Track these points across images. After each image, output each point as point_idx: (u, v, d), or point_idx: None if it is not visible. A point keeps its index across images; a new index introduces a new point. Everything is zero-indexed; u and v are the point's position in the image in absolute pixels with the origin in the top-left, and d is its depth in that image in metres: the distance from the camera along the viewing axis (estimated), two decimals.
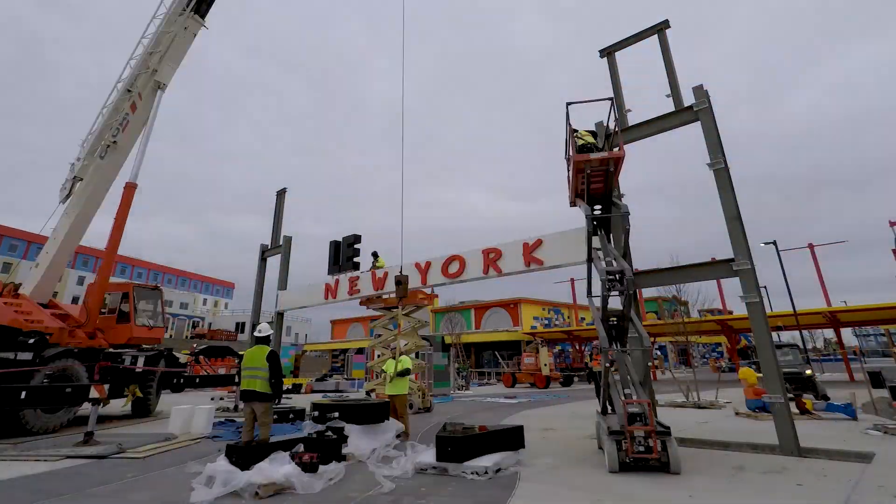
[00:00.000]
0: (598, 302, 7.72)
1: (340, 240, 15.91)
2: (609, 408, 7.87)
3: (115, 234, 12.57)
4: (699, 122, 8.71)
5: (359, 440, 7.58)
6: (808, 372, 14.36)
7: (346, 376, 34.67)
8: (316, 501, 5.08)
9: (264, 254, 19.16)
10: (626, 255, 9.09)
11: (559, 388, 25.32)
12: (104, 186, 13.20)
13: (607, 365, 7.81)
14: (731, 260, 7.92)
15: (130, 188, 12.76)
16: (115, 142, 13.04)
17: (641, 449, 5.92)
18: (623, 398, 6.89)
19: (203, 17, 14.14)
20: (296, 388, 24.61)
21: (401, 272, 11.49)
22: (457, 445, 6.28)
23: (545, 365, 26.01)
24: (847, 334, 44.00)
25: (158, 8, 13.77)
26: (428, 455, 6.59)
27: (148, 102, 13.51)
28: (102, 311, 12.94)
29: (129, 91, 13.32)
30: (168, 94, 13.96)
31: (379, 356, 14.83)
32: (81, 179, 13.03)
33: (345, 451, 7.06)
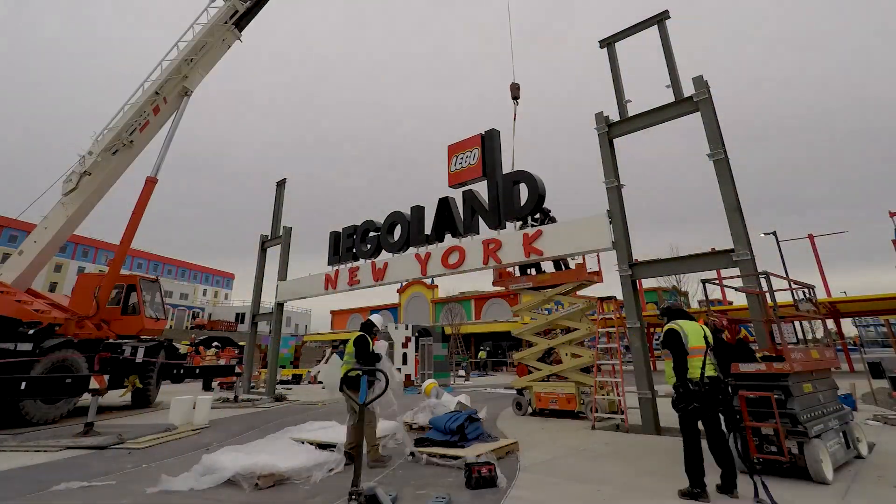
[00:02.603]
0: None
1: (340, 230, 15.85)
2: None
3: (132, 226, 12.71)
4: (699, 112, 8.68)
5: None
6: None
7: None
8: (316, 492, 5.08)
9: (264, 244, 19.14)
10: (627, 244, 9.12)
11: None
12: (110, 183, 13.33)
13: None
14: (732, 250, 7.91)
15: (151, 182, 13.01)
16: (131, 141, 13.22)
17: (773, 450, 5.16)
18: None
19: (241, 30, 14.50)
20: (296, 379, 24.69)
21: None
22: None
23: None
24: (847, 325, 44.08)
25: (200, 16, 14.00)
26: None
27: (172, 107, 13.85)
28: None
29: (156, 94, 13.41)
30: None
31: (531, 345, 11.67)
32: (89, 174, 12.90)
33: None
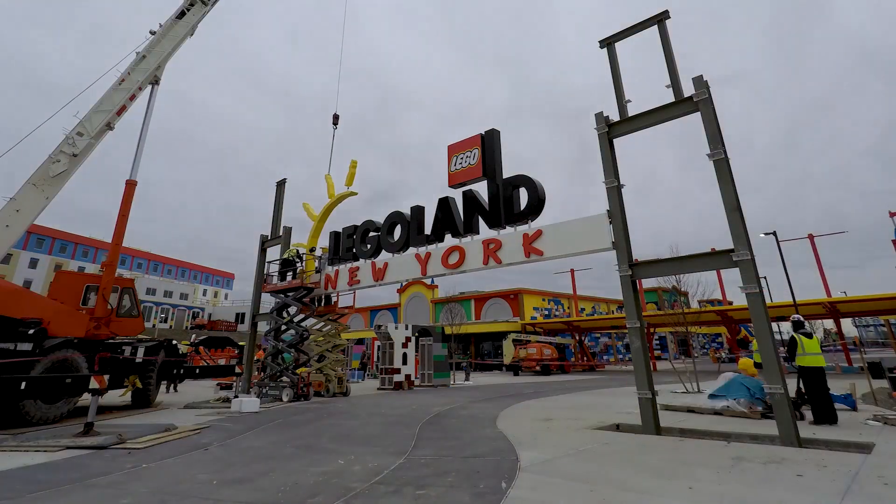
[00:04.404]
0: None
1: (340, 230, 15.88)
2: None
3: (119, 228, 12.98)
4: (699, 112, 8.67)
5: None
6: None
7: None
8: (316, 492, 5.08)
9: (264, 244, 19.15)
10: (627, 244, 9.12)
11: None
12: (81, 163, 12.97)
13: None
14: (732, 250, 7.90)
15: (131, 185, 13.38)
16: (111, 126, 13.49)
17: None
18: None
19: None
20: None
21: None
22: None
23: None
24: (847, 325, 44.18)
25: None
26: None
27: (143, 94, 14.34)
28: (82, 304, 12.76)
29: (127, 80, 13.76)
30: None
31: None
32: (75, 156, 12.55)
33: None
